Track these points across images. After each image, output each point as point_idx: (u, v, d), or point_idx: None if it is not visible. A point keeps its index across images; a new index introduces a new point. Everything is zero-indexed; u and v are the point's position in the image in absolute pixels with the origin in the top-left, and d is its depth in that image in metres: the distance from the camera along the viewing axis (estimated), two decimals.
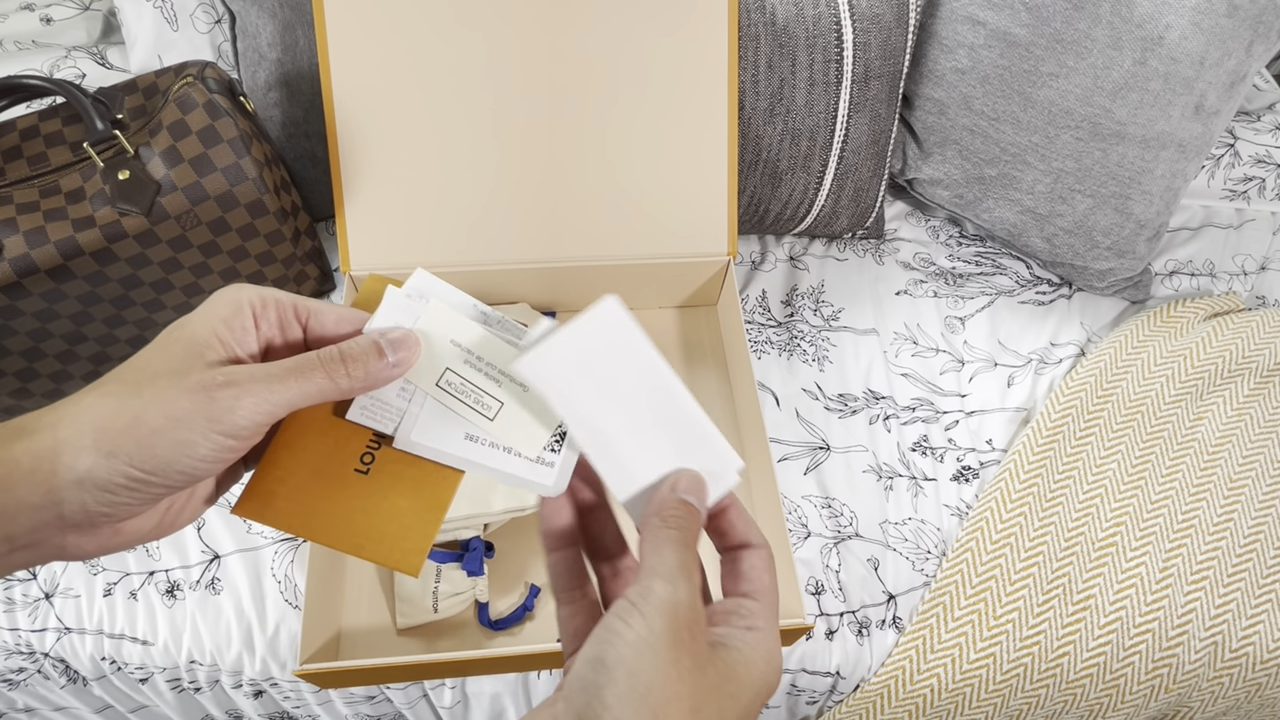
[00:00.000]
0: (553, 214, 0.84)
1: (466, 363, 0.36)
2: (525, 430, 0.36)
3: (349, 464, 0.35)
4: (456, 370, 0.36)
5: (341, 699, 0.80)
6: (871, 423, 0.89)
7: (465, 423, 0.36)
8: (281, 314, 0.33)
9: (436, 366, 0.36)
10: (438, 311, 0.36)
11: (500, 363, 0.36)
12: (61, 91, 0.71)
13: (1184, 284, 1.05)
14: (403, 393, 0.36)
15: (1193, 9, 0.84)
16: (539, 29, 0.79)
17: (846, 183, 0.98)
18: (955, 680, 0.77)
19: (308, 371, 0.32)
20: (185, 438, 0.29)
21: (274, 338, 0.33)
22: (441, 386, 0.36)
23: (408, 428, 0.36)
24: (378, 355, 0.34)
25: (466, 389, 0.36)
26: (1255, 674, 0.79)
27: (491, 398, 0.36)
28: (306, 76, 0.90)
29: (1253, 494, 0.85)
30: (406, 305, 0.36)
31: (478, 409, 0.36)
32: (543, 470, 0.36)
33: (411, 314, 0.36)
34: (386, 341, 0.34)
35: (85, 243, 0.72)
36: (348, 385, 0.33)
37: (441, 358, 0.36)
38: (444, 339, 0.36)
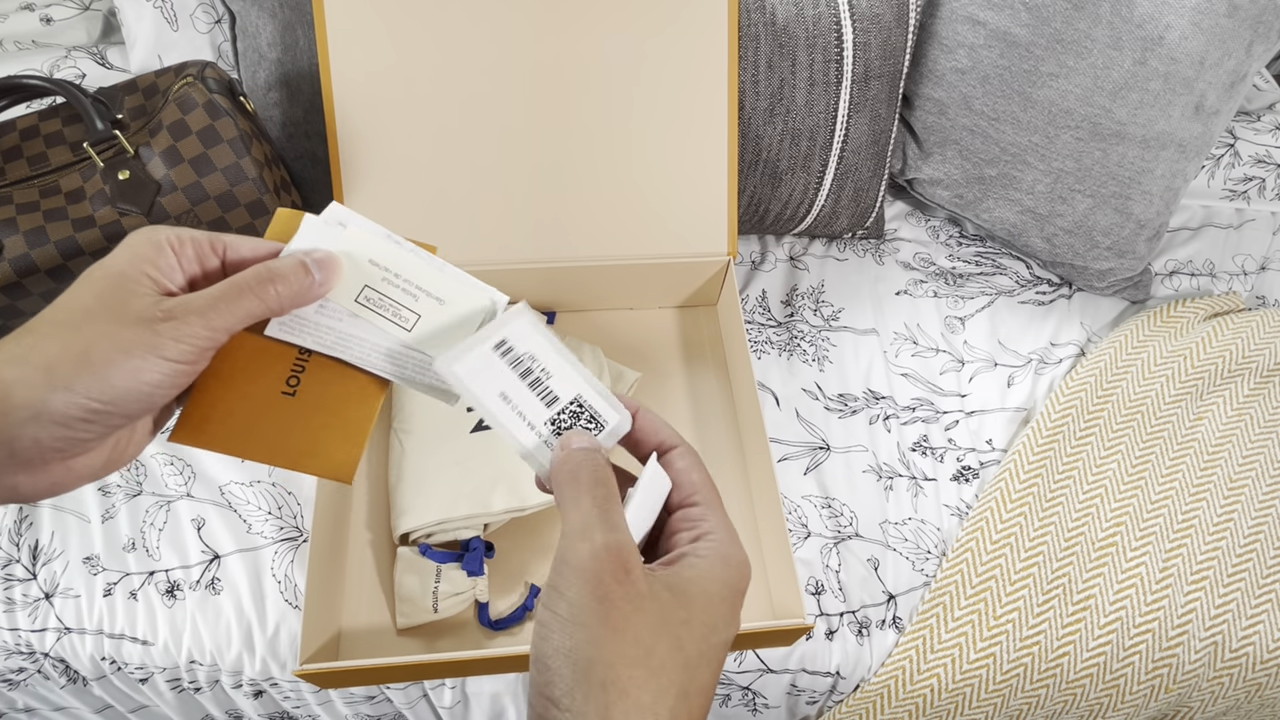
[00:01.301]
0: (553, 214, 0.84)
1: (385, 280, 0.39)
2: (441, 339, 0.39)
3: (276, 386, 0.38)
4: (375, 287, 0.39)
5: (341, 699, 0.80)
6: (871, 423, 0.89)
7: (383, 333, 0.39)
8: (199, 249, 0.34)
9: (356, 284, 0.38)
10: (355, 235, 0.39)
11: (418, 280, 0.39)
12: (61, 91, 0.71)
13: (1184, 284, 1.05)
14: (323, 309, 0.38)
15: (1193, 9, 0.84)
16: (539, 29, 0.79)
17: (846, 183, 0.98)
18: (955, 680, 0.77)
19: (240, 292, 0.33)
20: (136, 365, 0.30)
21: (194, 272, 0.35)
22: (361, 302, 0.38)
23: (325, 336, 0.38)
24: (304, 272, 0.35)
25: (385, 303, 0.39)
26: (1255, 674, 0.79)
27: (409, 310, 0.39)
28: (306, 76, 0.90)
29: (1253, 494, 0.85)
30: (324, 230, 0.38)
31: (396, 321, 0.39)
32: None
33: (331, 238, 0.38)
34: (312, 260, 0.36)
35: (85, 243, 0.72)
36: (276, 303, 0.34)
37: (361, 276, 0.39)
38: (362, 259, 0.39)
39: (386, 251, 0.39)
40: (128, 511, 0.78)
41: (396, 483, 0.76)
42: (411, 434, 0.78)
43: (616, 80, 0.81)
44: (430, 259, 0.40)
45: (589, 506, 0.31)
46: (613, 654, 0.27)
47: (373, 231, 0.39)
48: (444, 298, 0.40)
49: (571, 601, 0.28)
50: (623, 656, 0.27)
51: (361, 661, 0.62)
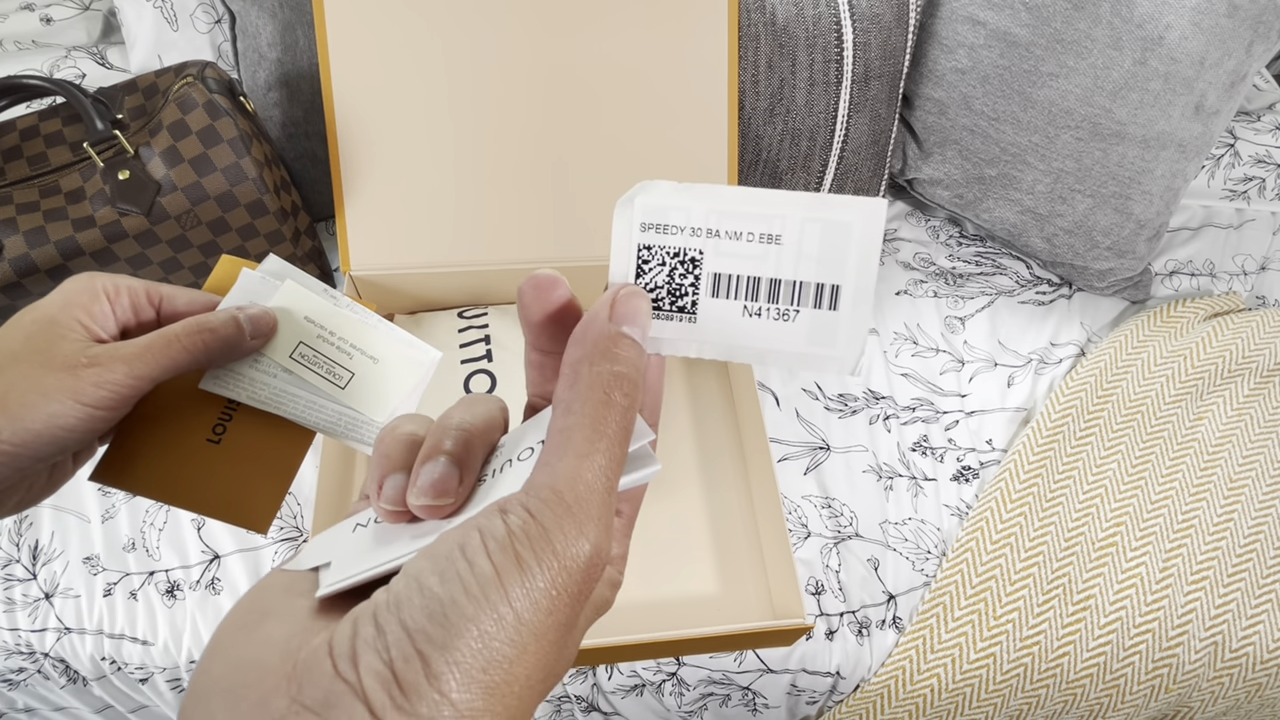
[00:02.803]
0: (553, 214, 0.84)
1: (320, 337, 0.39)
2: (374, 399, 0.40)
3: (201, 433, 0.38)
4: (310, 344, 0.39)
5: None
6: (871, 423, 0.89)
7: (317, 390, 0.39)
8: (134, 298, 0.35)
9: (291, 340, 0.39)
10: (291, 290, 0.39)
11: (352, 339, 0.40)
12: (61, 91, 0.71)
13: (1184, 284, 1.05)
14: (257, 364, 0.38)
15: (1193, 9, 0.84)
16: (539, 29, 0.79)
17: (846, 183, 0.98)
18: (955, 680, 0.77)
19: (168, 344, 0.34)
20: (54, 410, 0.31)
21: (128, 320, 0.35)
22: (295, 358, 0.39)
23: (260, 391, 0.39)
24: (236, 328, 0.36)
25: (319, 360, 0.39)
26: (1255, 674, 0.79)
27: (343, 369, 0.39)
28: (306, 76, 0.90)
29: (1253, 494, 0.85)
30: (260, 285, 0.39)
31: (329, 378, 0.39)
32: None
33: (265, 293, 0.39)
34: (245, 316, 0.36)
35: (85, 243, 0.72)
36: (206, 356, 0.35)
37: (296, 333, 0.39)
38: (298, 316, 0.39)
39: (322, 308, 0.39)
40: (128, 511, 0.78)
41: None
42: None
43: (616, 79, 0.81)
44: (367, 316, 0.40)
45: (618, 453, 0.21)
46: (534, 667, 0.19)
47: (310, 287, 0.40)
48: (378, 356, 0.40)
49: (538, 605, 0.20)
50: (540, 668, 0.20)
51: None
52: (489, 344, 0.82)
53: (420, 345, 0.41)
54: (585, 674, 0.77)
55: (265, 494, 0.39)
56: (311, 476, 0.80)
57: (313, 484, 0.78)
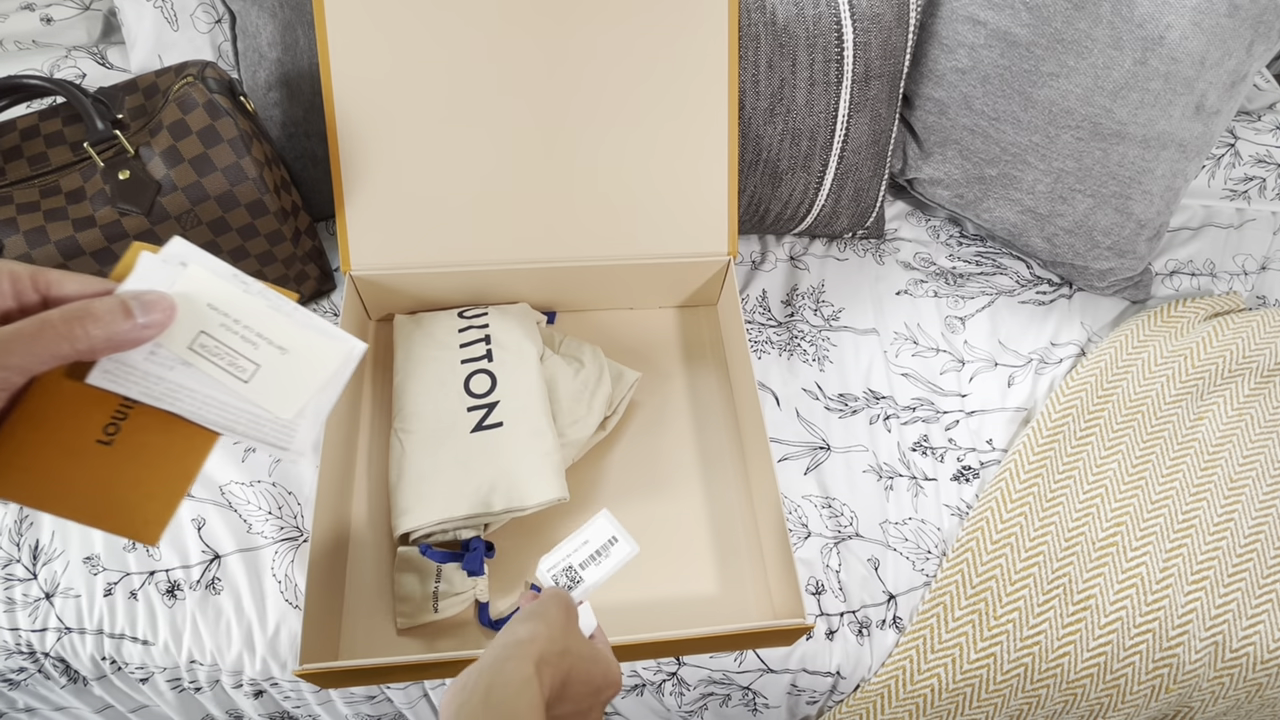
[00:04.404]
0: (553, 214, 0.84)
1: (223, 326, 0.36)
2: (280, 394, 0.37)
3: (91, 433, 0.35)
4: (212, 333, 0.36)
5: (341, 699, 0.80)
6: (872, 423, 0.89)
7: (217, 384, 0.36)
8: (16, 285, 0.32)
9: (191, 330, 0.36)
10: (196, 276, 0.36)
11: (260, 327, 0.37)
12: (62, 91, 0.71)
13: (1184, 284, 1.05)
14: (153, 356, 0.35)
15: (1193, 9, 0.84)
16: (539, 29, 0.79)
17: (847, 182, 0.98)
18: (956, 680, 0.77)
19: (41, 330, 0.30)
20: None
21: (8, 306, 0.32)
22: (195, 349, 0.36)
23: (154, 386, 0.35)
24: (124, 315, 0.33)
25: (222, 351, 0.36)
26: (1256, 674, 0.79)
27: (248, 360, 0.36)
28: (306, 76, 0.90)
29: (1253, 494, 0.85)
30: (162, 270, 0.36)
31: (232, 371, 0.36)
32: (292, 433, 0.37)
33: (168, 278, 0.36)
34: (138, 302, 0.33)
35: (85, 243, 0.72)
36: (87, 345, 0.31)
37: (197, 321, 0.36)
38: (200, 303, 0.36)
39: (229, 295, 0.36)
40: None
41: (397, 482, 0.76)
42: (412, 434, 0.78)
43: (617, 80, 0.81)
44: (281, 304, 0.37)
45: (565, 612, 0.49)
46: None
47: (217, 273, 0.37)
48: (288, 347, 0.37)
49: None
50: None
51: (361, 661, 0.62)
52: (489, 344, 0.82)
53: (339, 335, 0.38)
54: None
55: (157, 501, 0.36)
56: (311, 476, 0.80)
57: (312, 484, 0.78)
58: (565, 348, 0.88)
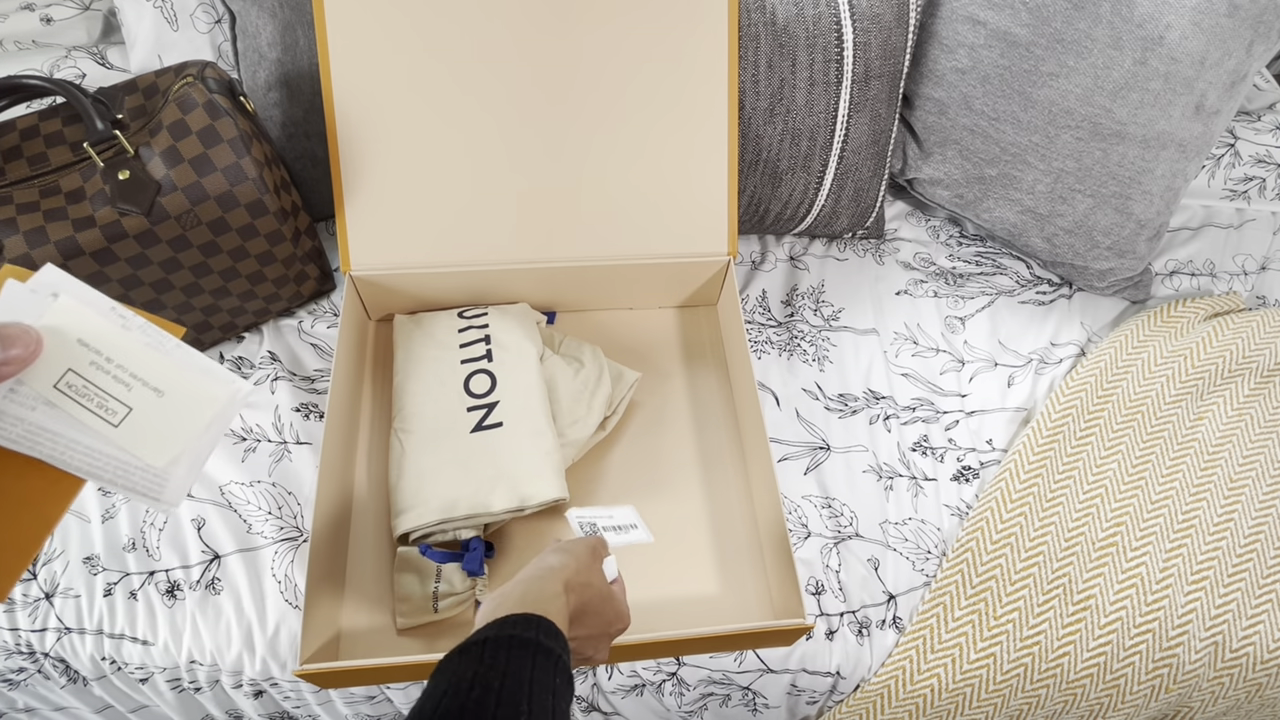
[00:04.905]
0: (552, 214, 0.84)
1: (94, 364, 0.34)
2: (153, 439, 0.34)
3: None
4: (81, 372, 0.33)
5: (341, 699, 0.80)
6: (872, 423, 0.89)
7: (84, 427, 0.33)
8: None
9: (58, 367, 0.33)
10: (66, 309, 0.33)
11: (135, 367, 0.34)
12: (61, 91, 0.71)
13: (1184, 284, 1.05)
14: (12, 395, 0.32)
15: (1193, 9, 0.84)
16: (539, 29, 0.79)
17: (846, 183, 0.98)
18: (955, 680, 0.77)
19: None
20: None
21: None
22: (60, 389, 0.33)
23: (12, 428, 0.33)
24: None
25: (90, 392, 0.33)
26: (1255, 674, 0.79)
27: (119, 402, 0.34)
28: (306, 76, 0.90)
29: (1253, 494, 0.85)
30: (30, 300, 0.33)
31: (100, 414, 0.34)
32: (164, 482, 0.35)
33: (35, 310, 0.33)
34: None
35: (85, 243, 0.72)
36: None
37: (65, 358, 0.33)
38: (70, 338, 0.33)
39: (103, 330, 0.34)
40: (128, 511, 0.78)
41: (396, 482, 0.76)
42: (411, 434, 0.78)
43: (617, 80, 0.81)
44: (161, 341, 0.35)
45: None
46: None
47: (93, 305, 0.34)
48: (165, 388, 0.34)
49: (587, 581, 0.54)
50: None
51: (361, 661, 0.62)
52: (489, 344, 0.82)
53: (221, 375, 0.36)
54: (585, 674, 0.77)
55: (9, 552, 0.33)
56: (311, 476, 0.80)
57: (312, 484, 0.78)
58: (565, 348, 0.88)
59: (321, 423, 0.79)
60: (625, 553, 0.67)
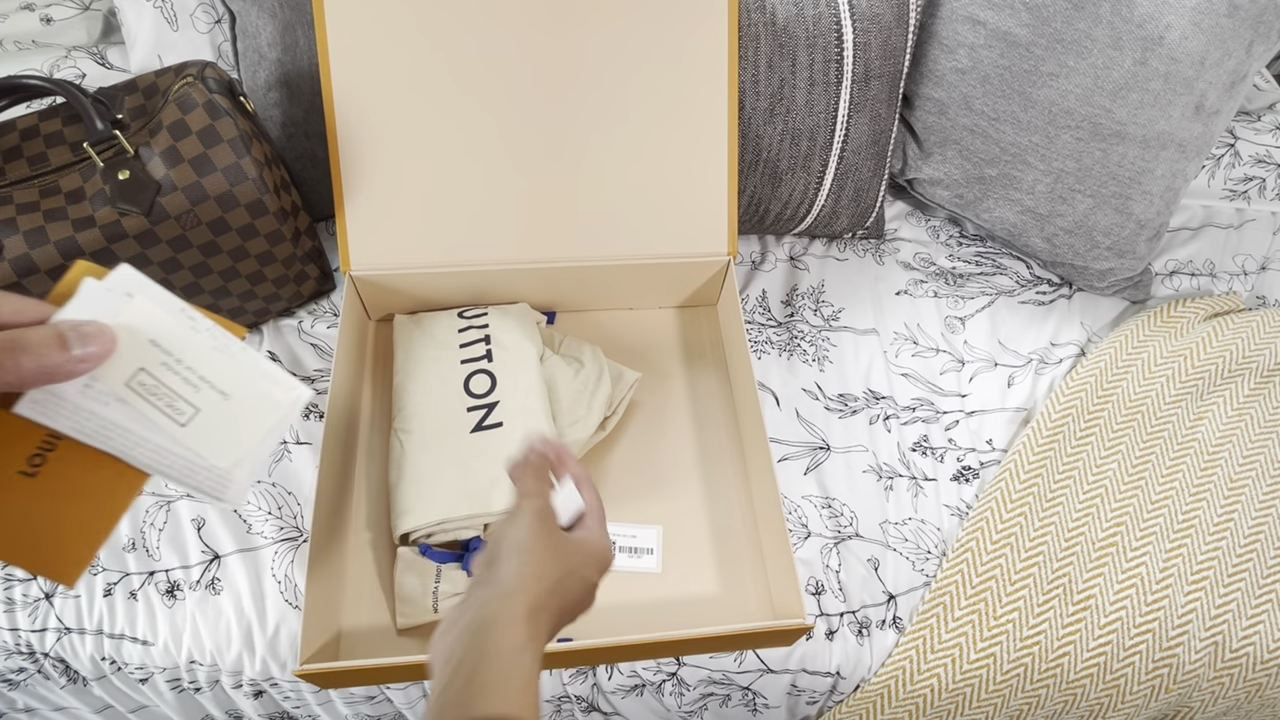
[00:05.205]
0: (552, 214, 0.84)
1: (165, 365, 0.34)
2: (218, 441, 0.35)
3: (14, 464, 0.33)
4: (152, 371, 0.34)
5: (341, 699, 0.80)
6: (871, 423, 0.89)
7: (153, 425, 0.34)
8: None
9: (130, 366, 0.34)
10: (140, 309, 0.34)
11: (203, 369, 0.35)
12: (61, 91, 0.71)
13: (1184, 284, 1.05)
14: (87, 390, 0.33)
15: (1193, 9, 0.84)
16: (539, 29, 0.79)
17: (846, 183, 0.98)
18: (955, 680, 0.77)
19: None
20: None
21: None
22: (132, 387, 0.34)
23: (86, 422, 0.34)
24: (58, 347, 0.31)
25: (161, 391, 0.34)
26: (1256, 674, 0.79)
27: (187, 403, 0.35)
28: (306, 76, 0.90)
29: (1253, 494, 0.85)
30: (106, 299, 0.34)
31: (169, 414, 0.34)
32: (227, 483, 0.36)
33: (110, 309, 0.34)
34: (76, 334, 0.31)
35: (85, 243, 0.72)
36: (16, 378, 0.30)
37: (138, 357, 0.34)
38: (143, 338, 0.34)
39: (174, 332, 0.34)
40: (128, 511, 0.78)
41: (397, 482, 0.76)
42: (412, 434, 0.78)
43: (617, 80, 0.81)
44: (228, 344, 0.36)
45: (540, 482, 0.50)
46: (538, 544, 0.45)
47: (164, 307, 0.35)
48: (230, 392, 0.35)
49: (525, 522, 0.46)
50: (544, 547, 0.45)
51: (361, 661, 0.62)
52: (489, 344, 0.82)
53: (285, 381, 0.36)
54: (585, 674, 0.77)
55: (79, 541, 0.34)
56: (311, 476, 0.80)
57: (312, 484, 0.78)
58: (565, 348, 0.88)
59: (321, 423, 0.79)
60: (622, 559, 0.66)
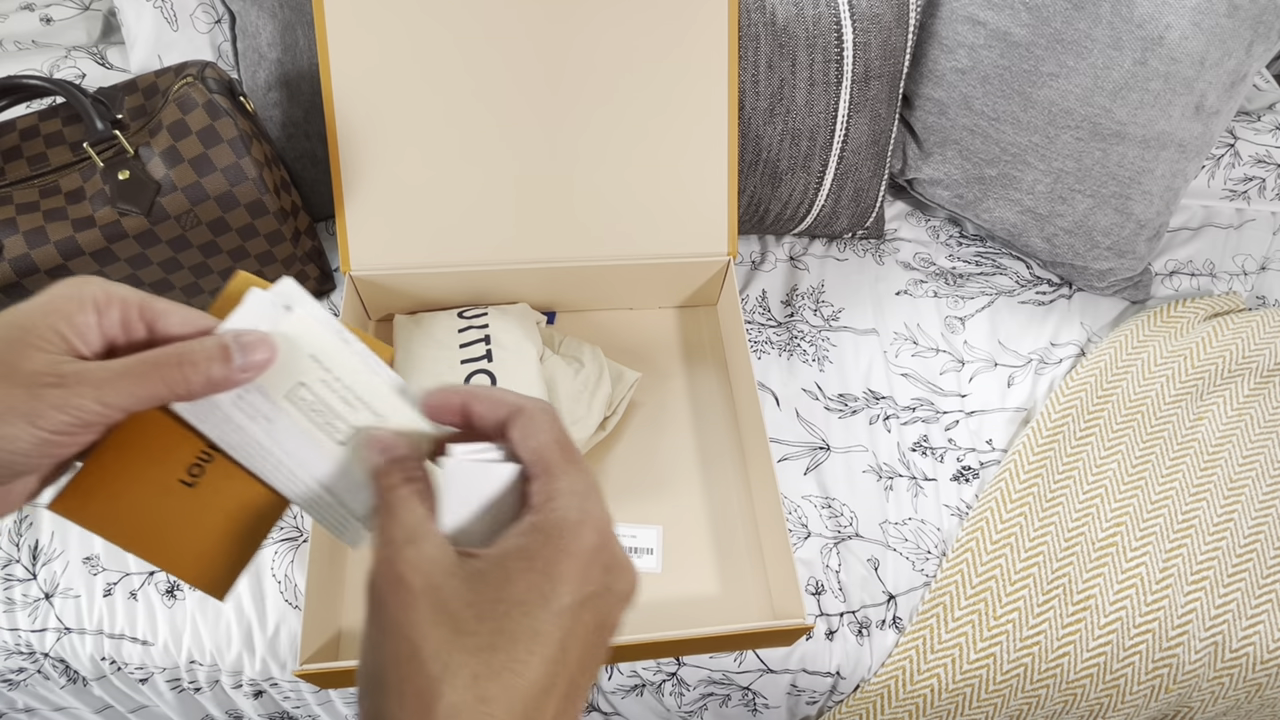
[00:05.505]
0: (552, 214, 0.84)
1: (323, 382, 0.34)
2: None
3: (175, 472, 0.33)
4: (311, 387, 0.33)
5: (341, 699, 0.80)
6: (871, 423, 0.89)
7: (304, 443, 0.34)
8: (125, 313, 0.31)
9: (289, 378, 0.33)
10: (301, 323, 0.33)
11: (359, 389, 0.34)
12: (61, 91, 0.71)
13: (1184, 284, 1.05)
14: (239, 401, 0.33)
15: (1193, 9, 0.84)
16: (539, 29, 0.79)
17: (846, 183, 0.98)
18: (955, 680, 0.77)
19: (146, 374, 0.30)
20: (5, 432, 0.27)
21: (115, 336, 0.31)
22: (292, 399, 0.33)
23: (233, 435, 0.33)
24: (222, 359, 0.31)
25: (319, 407, 0.33)
26: (1255, 674, 0.79)
27: (344, 422, 0.34)
28: (306, 76, 0.90)
29: (1253, 494, 0.85)
30: (269, 312, 0.33)
31: (326, 431, 0.34)
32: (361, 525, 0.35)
33: (271, 321, 0.33)
34: (239, 344, 0.31)
35: (85, 243, 0.72)
36: (185, 390, 0.30)
37: (297, 371, 0.33)
38: (303, 352, 0.33)
39: (331, 348, 0.33)
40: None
41: None
42: None
43: (617, 80, 0.81)
44: (377, 366, 0.34)
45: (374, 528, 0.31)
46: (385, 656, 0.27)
47: (322, 323, 0.34)
48: (384, 415, 0.34)
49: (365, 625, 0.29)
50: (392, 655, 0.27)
51: None
52: (489, 344, 0.82)
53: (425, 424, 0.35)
54: None
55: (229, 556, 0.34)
56: None
57: None
58: (565, 348, 0.88)
59: None
60: None
